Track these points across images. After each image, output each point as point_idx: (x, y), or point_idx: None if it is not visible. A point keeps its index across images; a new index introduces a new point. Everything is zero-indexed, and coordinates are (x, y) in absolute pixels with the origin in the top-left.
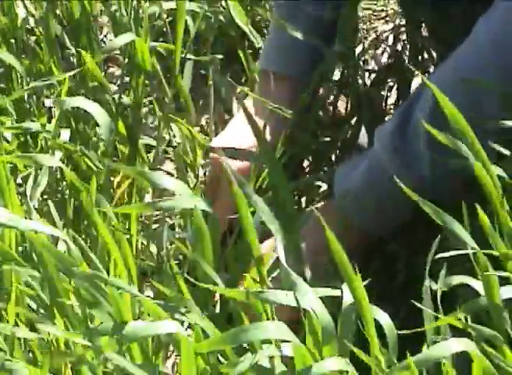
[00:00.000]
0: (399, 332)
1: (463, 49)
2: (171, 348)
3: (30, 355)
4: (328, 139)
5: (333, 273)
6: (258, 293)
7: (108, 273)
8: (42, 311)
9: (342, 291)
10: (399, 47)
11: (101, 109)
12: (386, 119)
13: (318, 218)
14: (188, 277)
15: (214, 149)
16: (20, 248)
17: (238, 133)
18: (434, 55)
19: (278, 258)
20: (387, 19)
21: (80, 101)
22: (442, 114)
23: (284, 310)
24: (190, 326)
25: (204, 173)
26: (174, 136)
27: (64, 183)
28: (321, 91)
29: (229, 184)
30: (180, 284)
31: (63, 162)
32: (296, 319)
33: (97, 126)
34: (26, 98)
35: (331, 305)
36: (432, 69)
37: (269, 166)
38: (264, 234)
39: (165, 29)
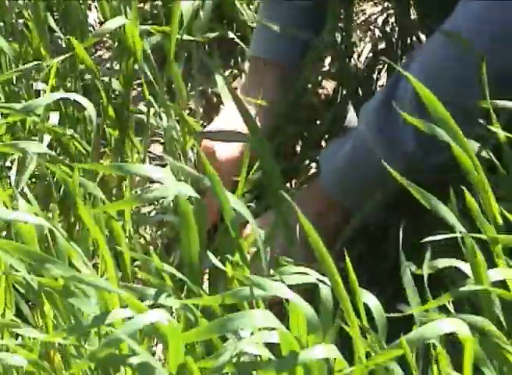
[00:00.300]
0: (387, 315)
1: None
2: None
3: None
4: (318, 122)
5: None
6: (237, 292)
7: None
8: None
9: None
10: (388, 29)
11: (87, 101)
12: None
13: (299, 200)
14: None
15: (204, 134)
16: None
17: (230, 120)
18: (422, 37)
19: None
20: (376, 1)
21: (66, 95)
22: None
23: None
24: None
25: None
26: (163, 119)
27: None
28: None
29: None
30: (162, 273)
31: (52, 146)
32: (277, 302)
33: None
34: (14, 80)
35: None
36: None
37: (259, 149)
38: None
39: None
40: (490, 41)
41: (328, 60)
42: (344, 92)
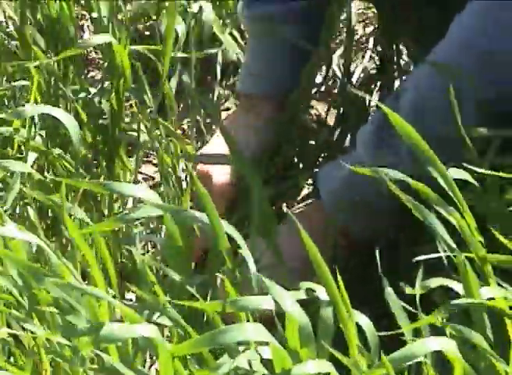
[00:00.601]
0: (379, 334)
1: (438, 49)
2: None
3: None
4: (312, 142)
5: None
6: (234, 302)
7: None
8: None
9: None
10: (379, 49)
11: (68, 117)
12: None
13: (296, 221)
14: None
15: (200, 157)
16: None
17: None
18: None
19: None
20: (367, 21)
21: (44, 109)
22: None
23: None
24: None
25: (186, 177)
26: (159, 137)
27: None
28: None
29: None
30: (156, 289)
31: (40, 165)
32: (270, 318)
33: None
34: (6, 102)
35: (310, 306)
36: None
37: (243, 170)
38: None
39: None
40: (488, 43)
41: (319, 79)
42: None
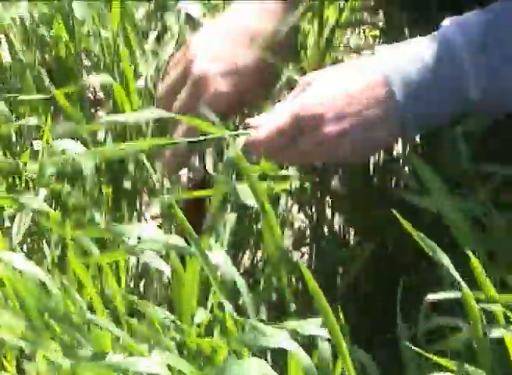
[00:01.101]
0: None
1: None
2: None
3: None
4: None
5: None
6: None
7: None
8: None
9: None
10: None
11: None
12: None
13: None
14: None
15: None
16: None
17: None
18: None
19: None
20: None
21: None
22: None
23: None
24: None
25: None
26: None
27: None
28: None
29: None
30: (155, 324)
31: (50, 201)
32: None
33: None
34: (14, 139)
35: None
36: None
37: None
38: None
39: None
40: None
41: None
42: None
